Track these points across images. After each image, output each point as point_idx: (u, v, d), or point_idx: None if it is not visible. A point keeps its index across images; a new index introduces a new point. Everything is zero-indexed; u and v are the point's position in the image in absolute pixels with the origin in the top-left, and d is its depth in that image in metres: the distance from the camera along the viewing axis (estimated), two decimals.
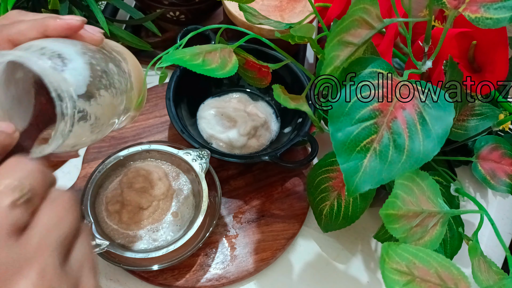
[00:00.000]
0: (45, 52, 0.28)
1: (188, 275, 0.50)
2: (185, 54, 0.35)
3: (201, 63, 0.36)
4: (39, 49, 0.28)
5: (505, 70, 0.45)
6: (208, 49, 0.37)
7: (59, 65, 0.28)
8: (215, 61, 0.37)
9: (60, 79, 0.27)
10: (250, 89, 0.64)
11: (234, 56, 0.39)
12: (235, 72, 0.60)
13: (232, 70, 0.38)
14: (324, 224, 0.50)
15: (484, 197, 0.62)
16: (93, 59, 0.31)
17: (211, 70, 0.36)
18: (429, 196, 0.36)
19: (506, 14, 0.30)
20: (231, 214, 0.55)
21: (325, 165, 0.49)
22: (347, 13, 0.31)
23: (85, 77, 0.29)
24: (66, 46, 0.30)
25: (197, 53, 0.36)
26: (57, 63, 0.28)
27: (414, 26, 0.49)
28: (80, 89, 0.29)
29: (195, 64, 0.35)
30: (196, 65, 0.35)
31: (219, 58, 0.37)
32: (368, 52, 0.43)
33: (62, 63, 0.28)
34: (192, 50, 0.36)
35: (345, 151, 0.31)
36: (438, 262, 0.32)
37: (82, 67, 0.29)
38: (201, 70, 0.35)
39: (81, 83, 0.29)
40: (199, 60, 0.36)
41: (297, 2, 0.61)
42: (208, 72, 0.35)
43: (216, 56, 0.37)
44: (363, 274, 0.53)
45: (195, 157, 0.49)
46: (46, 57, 0.28)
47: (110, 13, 0.68)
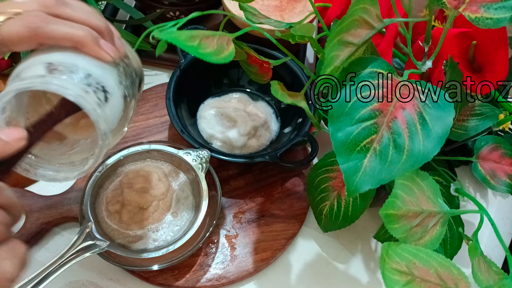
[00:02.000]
0: (91, 83, 0.29)
1: (188, 275, 0.50)
2: (180, 34, 0.34)
3: (196, 45, 0.34)
4: (85, 78, 0.29)
5: (505, 70, 0.45)
6: (206, 34, 0.36)
7: (102, 101, 0.29)
8: (211, 46, 0.35)
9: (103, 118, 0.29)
10: (250, 89, 0.64)
11: (232, 45, 0.37)
12: (235, 72, 0.60)
13: (228, 57, 0.36)
14: (324, 224, 0.50)
15: (484, 197, 0.62)
16: (126, 89, 0.33)
17: (205, 54, 0.34)
18: (429, 196, 0.36)
19: (506, 14, 0.30)
20: (231, 214, 0.55)
21: (325, 165, 0.49)
22: (347, 13, 0.31)
23: (119, 113, 0.32)
24: (105, 74, 0.30)
25: (194, 36, 0.35)
26: (100, 98, 0.29)
27: (414, 26, 0.49)
28: (113, 124, 0.31)
29: (189, 46, 0.34)
30: (190, 46, 0.34)
31: (216, 44, 0.36)
32: (368, 52, 0.43)
33: (105, 99, 0.30)
34: (190, 32, 0.35)
35: (345, 151, 0.31)
36: (438, 262, 0.32)
37: (118, 102, 0.31)
38: (195, 52, 0.34)
39: (115, 119, 0.31)
40: (195, 42, 0.34)
41: (297, 2, 0.61)
42: (202, 56, 0.34)
43: (213, 41, 0.36)
44: (363, 274, 0.53)
45: (195, 157, 0.49)
46: (91, 91, 0.28)
47: (110, 13, 0.68)
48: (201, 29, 0.56)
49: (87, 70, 0.29)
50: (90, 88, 0.28)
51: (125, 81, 0.33)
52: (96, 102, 0.28)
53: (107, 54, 0.30)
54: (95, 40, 0.29)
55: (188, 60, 0.56)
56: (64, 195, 0.52)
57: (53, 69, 0.28)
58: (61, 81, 0.27)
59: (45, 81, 0.27)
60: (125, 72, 0.33)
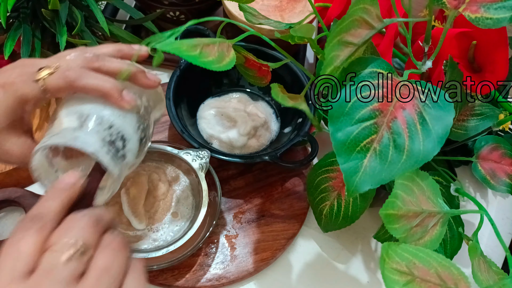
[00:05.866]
0: (112, 133, 0.34)
1: (188, 275, 0.50)
2: (182, 44, 0.35)
3: (198, 54, 0.35)
4: (108, 128, 0.34)
5: (505, 70, 0.45)
6: (207, 42, 0.36)
7: (120, 149, 0.35)
8: (212, 54, 0.36)
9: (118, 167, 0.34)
10: (250, 89, 0.64)
11: (233, 51, 0.38)
12: (235, 72, 0.60)
13: (229, 64, 0.37)
14: (324, 224, 0.50)
15: (484, 197, 0.62)
16: (143, 132, 0.37)
17: (207, 62, 0.35)
18: (429, 196, 0.36)
19: (506, 14, 0.30)
20: (231, 214, 0.55)
21: (325, 165, 0.49)
22: (347, 13, 0.31)
23: (135, 154, 0.37)
24: (125, 123, 0.35)
25: (195, 45, 0.35)
26: (119, 146, 0.35)
27: (414, 26, 0.49)
28: (128, 164, 0.36)
29: (191, 55, 0.34)
30: (192, 56, 0.34)
31: (217, 52, 0.37)
32: (368, 52, 0.43)
33: (123, 146, 0.35)
34: (190, 41, 0.35)
35: (345, 151, 0.31)
36: (438, 262, 0.32)
37: (135, 146, 0.36)
38: (198, 61, 0.34)
39: (131, 159, 0.36)
40: (196, 51, 0.35)
41: (297, 2, 0.61)
42: (204, 65, 0.35)
43: (214, 49, 0.37)
44: (363, 274, 0.53)
45: (195, 157, 0.49)
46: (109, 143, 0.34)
47: (110, 13, 0.68)
48: (201, 29, 0.56)
49: (110, 122, 0.35)
50: (110, 139, 0.34)
51: (143, 123, 0.38)
52: (112, 153, 0.34)
53: (128, 103, 0.35)
54: (119, 92, 0.35)
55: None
56: None
57: (83, 121, 0.34)
58: (85, 136, 0.33)
59: (74, 137, 0.32)
60: (145, 114, 0.38)
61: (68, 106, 0.35)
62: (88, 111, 0.34)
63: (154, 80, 0.38)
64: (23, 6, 0.54)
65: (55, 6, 0.50)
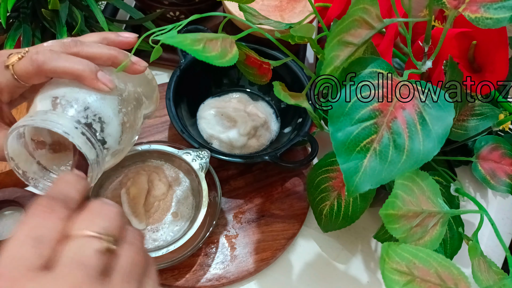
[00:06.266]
0: (88, 115, 0.33)
1: (188, 275, 0.50)
2: (185, 38, 0.34)
3: (201, 49, 0.35)
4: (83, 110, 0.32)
5: (505, 70, 0.45)
6: (210, 37, 0.36)
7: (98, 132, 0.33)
8: (215, 49, 0.36)
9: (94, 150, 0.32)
10: (250, 89, 0.64)
11: (235, 47, 0.38)
12: (235, 71, 0.59)
13: (231, 60, 0.37)
14: (324, 224, 0.50)
15: (484, 197, 0.62)
16: (125, 116, 0.35)
17: (210, 57, 0.35)
18: (429, 196, 0.36)
19: (506, 14, 0.30)
20: (231, 214, 0.55)
21: (325, 165, 0.49)
22: (347, 13, 0.31)
23: (116, 138, 0.35)
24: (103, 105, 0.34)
25: (199, 39, 0.35)
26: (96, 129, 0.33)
27: (414, 26, 0.49)
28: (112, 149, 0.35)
29: (195, 50, 0.34)
30: (196, 50, 0.34)
31: (220, 47, 0.36)
32: (368, 52, 0.43)
33: (101, 129, 0.33)
34: (194, 35, 0.35)
35: (345, 151, 0.31)
36: (438, 262, 0.32)
37: (116, 130, 0.35)
38: (201, 56, 0.34)
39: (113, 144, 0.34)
40: (200, 46, 0.35)
41: (297, 2, 0.61)
42: (207, 59, 0.34)
43: (217, 44, 0.36)
44: (363, 274, 0.53)
45: (195, 157, 0.49)
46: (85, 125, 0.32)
47: (110, 13, 0.68)
48: (201, 29, 0.56)
49: (86, 103, 0.33)
50: (86, 119, 0.32)
51: (126, 107, 0.36)
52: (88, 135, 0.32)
53: (104, 85, 0.33)
54: (93, 73, 0.32)
55: (188, 60, 0.56)
56: None
57: (57, 104, 0.32)
58: (57, 117, 0.31)
59: (44, 119, 0.31)
60: (130, 98, 0.36)
61: (43, 91, 0.34)
62: (62, 94, 0.33)
63: (139, 64, 0.35)
64: (23, 6, 0.54)
65: (55, 6, 0.50)
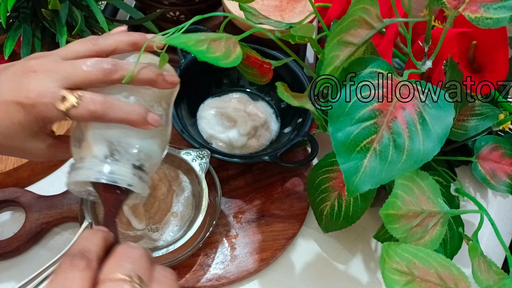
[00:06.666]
0: (141, 157, 0.36)
1: (188, 275, 0.49)
2: (189, 39, 0.34)
3: (205, 49, 0.34)
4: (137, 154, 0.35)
5: (505, 70, 0.45)
6: (213, 37, 0.36)
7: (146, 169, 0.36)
8: (219, 50, 0.35)
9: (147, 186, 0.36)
10: (250, 89, 0.64)
11: (239, 47, 0.38)
12: (235, 72, 0.59)
13: (235, 61, 0.36)
14: (325, 225, 0.50)
15: (484, 197, 0.62)
16: (166, 143, 0.39)
17: (214, 58, 0.35)
18: (429, 196, 0.36)
19: (506, 14, 0.30)
20: (231, 214, 0.55)
21: (325, 165, 0.49)
22: (347, 13, 0.31)
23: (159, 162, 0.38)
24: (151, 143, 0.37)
25: (202, 40, 0.35)
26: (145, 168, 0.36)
27: (414, 26, 0.49)
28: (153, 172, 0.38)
29: (199, 50, 0.34)
30: (200, 51, 0.34)
31: (224, 47, 0.36)
32: (368, 52, 0.43)
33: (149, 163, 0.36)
34: (197, 36, 0.35)
35: (345, 151, 0.31)
36: (438, 262, 0.32)
37: (159, 160, 0.38)
38: (205, 57, 0.34)
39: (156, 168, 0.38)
40: (204, 46, 0.34)
41: (297, 2, 0.61)
42: (211, 60, 0.34)
43: (221, 45, 0.36)
44: (363, 274, 0.53)
45: (195, 157, 0.49)
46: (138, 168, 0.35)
47: (110, 13, 0.68)
48: (201, 29, 0.56)
49: (139, 147, 0.36)
50: (139, 161, 0.35)
51: (165, 134, 0.39)
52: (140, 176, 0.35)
53: (153, 126, 0.36)
54: (143, 118, 0.35)
55: (188, 60, 0.56)
56: (64, 195, 0.52)
57: (113, 149, 0.35)
58: (118, 168, 0.34)
59: (110, 172, 0.34)
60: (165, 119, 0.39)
61: (94, 129, 0.35)
62: (116, 138, 0.35)
63: (173, 80, 0.37)
64: (23, 6, 0.54)
65: (55, 6, 0.50)
